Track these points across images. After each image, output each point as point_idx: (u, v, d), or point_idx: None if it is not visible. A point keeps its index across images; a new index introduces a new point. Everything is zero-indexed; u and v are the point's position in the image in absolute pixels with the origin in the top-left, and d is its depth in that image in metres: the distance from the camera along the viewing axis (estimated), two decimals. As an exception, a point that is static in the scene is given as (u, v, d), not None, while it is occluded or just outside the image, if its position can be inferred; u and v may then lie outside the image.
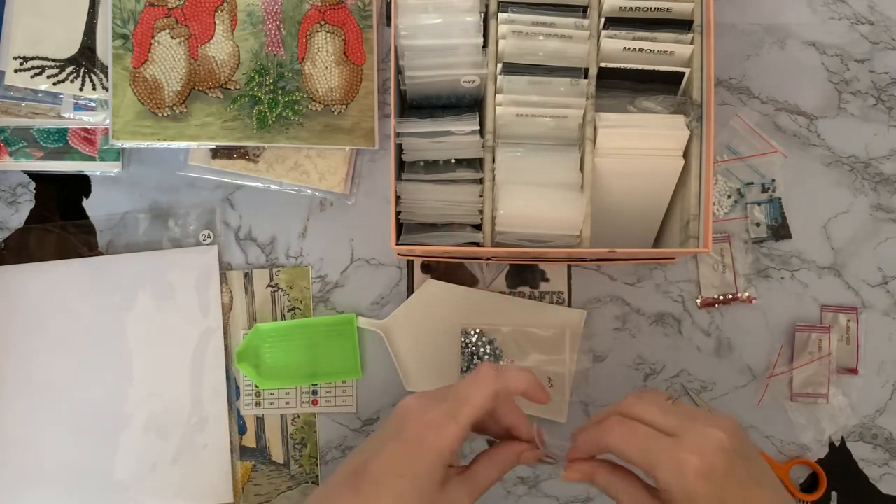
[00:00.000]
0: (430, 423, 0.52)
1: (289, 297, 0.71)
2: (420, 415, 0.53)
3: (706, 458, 0.50)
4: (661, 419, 0.53)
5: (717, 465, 0.50)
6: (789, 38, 0.73)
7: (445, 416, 0.53)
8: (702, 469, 0.50)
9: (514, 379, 0.55)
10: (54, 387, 0.69)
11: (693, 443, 0.51)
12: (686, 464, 0.50)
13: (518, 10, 0.61)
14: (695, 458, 0.50)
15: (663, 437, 0.52)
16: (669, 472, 0.51)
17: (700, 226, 0.61)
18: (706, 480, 0.50)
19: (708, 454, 0.50)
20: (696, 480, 0.50)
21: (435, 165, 0.63)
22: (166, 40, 0.65)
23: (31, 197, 0.71)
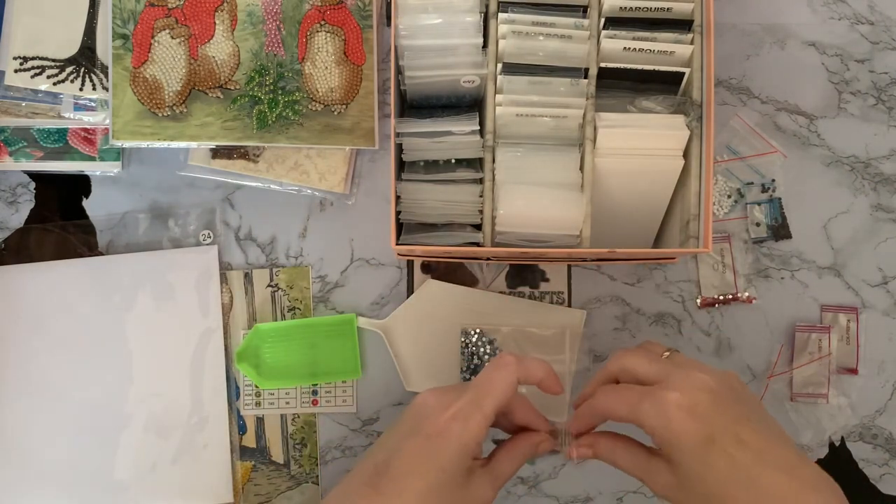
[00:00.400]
0: (455, 416, 0.51)
1: (289, 297, 0.71)
2: (442, 409, 0.52)
3: (687, 394, 0.49)
4: (646, 368, 0.53)
5: (699, 401, 0.49)
6: (789, 38, 0.73)
7: (470, 406, 0.52)
8: (683, 403, 0.49)
9: (533, 367, 0.55)
10: (54, 387, 0.69)
11: (674, 383, 0.50)
12: (666, 401, 0.49)
13: (518, 10, 0.61)
14: (676, 394, 0.49)
15: (647, 388, 0.51)
16: (653, 415, 0.50)
17: (700, 226, 0.61)
18: (690, 415, 0.49)
19: (689, 391, 0.49)
20: (679, 415, 0.49)
21: (435, 165, 0.63)
22: (166, 40, 0.65)
23: (31, 197, 0.71)
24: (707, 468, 0.48)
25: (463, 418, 0.51)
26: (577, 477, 0.71)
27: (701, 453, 0.49)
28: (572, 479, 0.71)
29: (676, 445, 0.49)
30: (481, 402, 0.52)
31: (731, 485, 0.48)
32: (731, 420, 0.49)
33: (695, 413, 0.49)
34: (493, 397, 0.53)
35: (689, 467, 0.49)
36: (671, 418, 0.49)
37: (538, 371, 0.56)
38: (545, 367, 0.56)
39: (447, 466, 0.51)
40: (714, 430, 0.49)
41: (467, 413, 0.52)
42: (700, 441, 0.49)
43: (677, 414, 0.49)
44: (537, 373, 0.55)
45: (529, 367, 0.55)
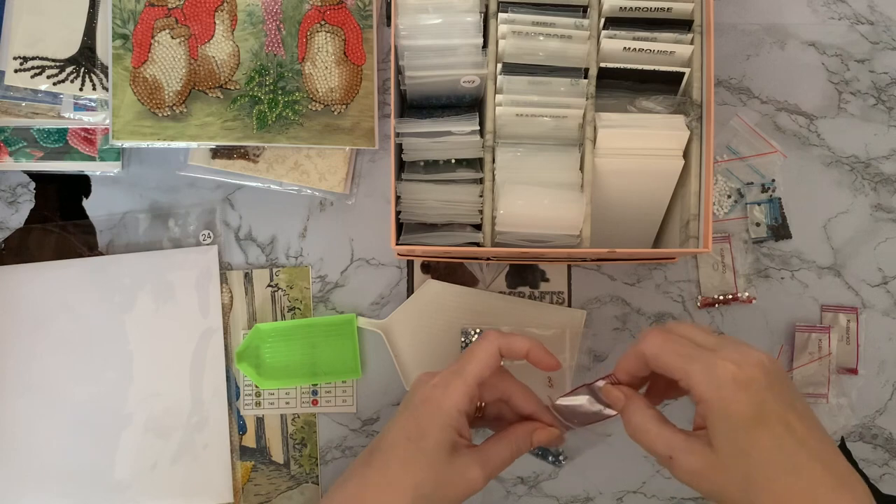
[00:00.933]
0: (437, 384, 0.54)
1: (289, 297, 0.71)
2: (427, 380, 0.55)
3: (745, 369, 0.48)
4: (701, 337, 0.52)
5: (756, 377, 0.48)
6: (789, 38, 0.73)
7: (451, 374, 0.55)
8: (740, 377, 0.48)
9: (517, 340, 0.56)
10: (54, 387, 0.69)
11: (732, 354, 0.49)
12: (723, 370, 0.48)
13: (518, 10, 0.61)
14: (732, 366, 0.48)
15: (702, 349, 0.50)
16: (705, 378, 0.48)
17: (700, 226, 0.61)
18: (744, 389, 0.48)
19: (747, 366, 0.48)
20: (733, 387, 0.48)
21: (435, 165, 0.63)
22: (166, 40, 0.65)
23: (31, 197, 0.71)
24: (752, 446, 0.47)
25: (443, 385, 0.54)
26: (577, 477, 0.71)
27: (749, 430, 0.47)
28: (572, 479, 0.71)
29: (724, 417, 0.48)
30: (461, 370, 0.55)
31: (773, 467, 0.47)
32: (782, 403, 0.48)
33: (749, 389, 0.48)
34: (473, 364, 0.55)
35: (732, 443, 0.48)
36: (724, 388, 0.48)
37: (522, 344, 0.56)
38: (531, 340, 0.57)
39: (428, 434, 0.53)
40: (765, 410, 0.48)
41: (448, 380, 0.54)
42: (750, 417, 0.47)
43: (731, 385, 0.48)
44: (521, 345, 0.56)
45: (512, 339, 0.56)
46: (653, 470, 0.71)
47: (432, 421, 0.53)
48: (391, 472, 0.53)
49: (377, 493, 0.53)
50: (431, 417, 0.53)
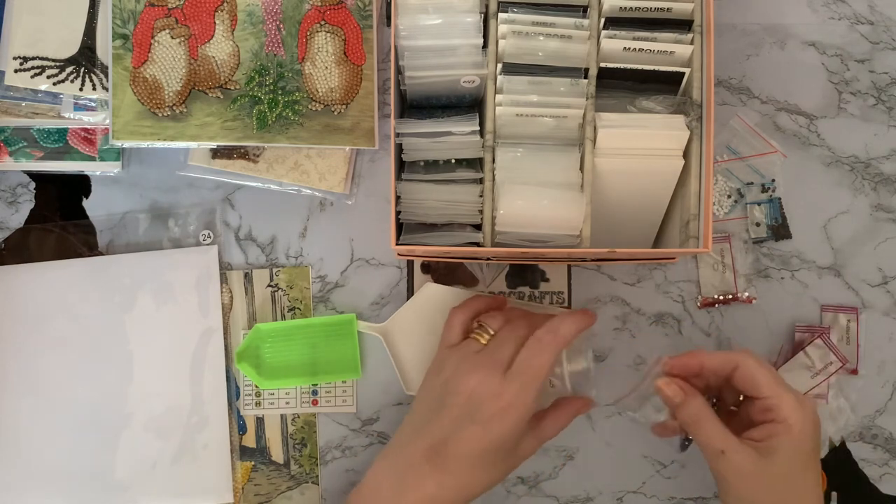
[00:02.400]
0: (508, 407, 0.56)
1: (289, 297, 0.71)
2: (493, 397, 0.56)
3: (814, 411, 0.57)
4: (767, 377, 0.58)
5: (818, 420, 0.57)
6: (789, 38, 0.73)
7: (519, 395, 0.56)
8: (816, 418, 0.57)
9: (566, 331, 0.58)
10: (54, 387, 0.69)
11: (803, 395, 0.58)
12: (809, 407, 0.56)
13: (518, 10, 0.61)
14: (812, 405, 0.57)
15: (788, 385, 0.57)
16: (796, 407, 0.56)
17: (700, 226, 0.61)
18: (816, 429, 0.57)
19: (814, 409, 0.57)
20: (813, 425, 0.56)
21: (435, 165, 0.63)
22: (166, 40, 0.65)
23: (31, 197, 0.71)
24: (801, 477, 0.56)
25: (514, 408, 0.56)
26: (577, 477, 0.71)
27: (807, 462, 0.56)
28: (572, 479, 0.71)
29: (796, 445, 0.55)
30: (528, 390, 0.56)
31: (808, 497, 0.57)
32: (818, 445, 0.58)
33: (817, 429, 0.57)
34: (537, 382, 0.57)
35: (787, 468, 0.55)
36: (808, 422, 0.56)
37: (571, 330, 0.58)
38: (574, 321, 0.59)
39: (503, 445, 0.57)
40: (815, 452, 0.57)
41: (518, 403, 0.56)
42: (812, 452, 0.56)
43: (812, 422, 0.56)
44: (570, 332, 0.58)
45: (563, 333, 0.58)
46: (653, 470, 0.71)
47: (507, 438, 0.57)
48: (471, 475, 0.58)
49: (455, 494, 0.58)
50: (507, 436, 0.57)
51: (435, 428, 0.58)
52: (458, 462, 0.57)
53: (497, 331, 0.60)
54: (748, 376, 0.57)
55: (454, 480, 0.57)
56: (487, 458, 0.57)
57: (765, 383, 0.57)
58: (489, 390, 0.56)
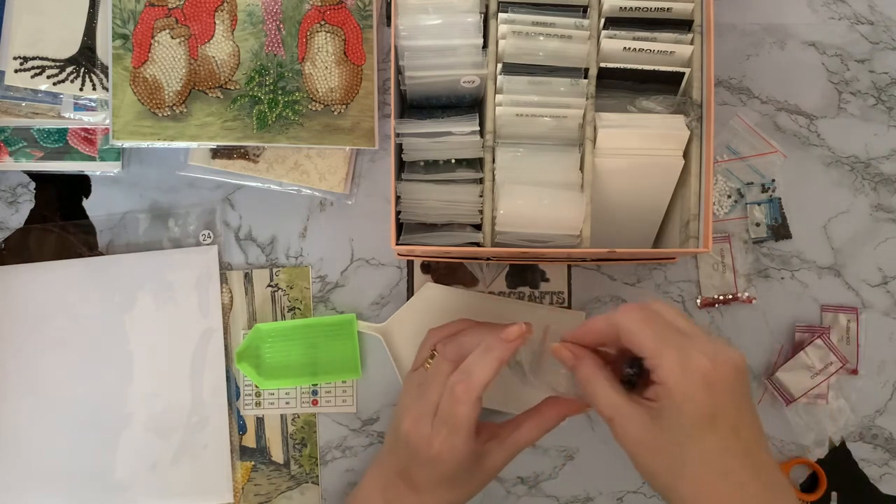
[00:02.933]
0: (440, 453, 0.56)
1: (289, 297, 0.71)
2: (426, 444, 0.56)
3: (717, 367, 0.48)
4: (680, 321, 0.51)
5: (725, 377, 0.48)
6: (789, 38, 0.73)
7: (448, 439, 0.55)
8: (710, 375, 0.47)
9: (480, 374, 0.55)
10: (54, 387, 0.69)
11: (707, 347, 0.48)
12: (697, 363, 0.48)
13: (518, 10, 0.61)
14: (707, 361, 0.48)
15: (679, 333, 0.50)
16: (676, 366, 0.48)
17: (700, 226, 0.61)
18: (709, 388, 0.47)
19: (720, 364, 0.48)
20: (701, 383, 0.47)
21: (435, 165, 0.63)
22: (166, 40, 0.65)
23: (31, 197, 0.71)
24: (696, 443, 0.47)
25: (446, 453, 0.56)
26: (577, 477, 0.71)
27: (699, 427, 0.47)
28: (572, 479, 0.71)
29: (680, 407, 0.48)
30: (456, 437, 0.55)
31: (708, 467, 0.47)
32: (738, 408, 0.48)
33: (714, 389, 0.47)
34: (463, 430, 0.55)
35: (678, 432, 0.48)
36: (692, 382, 0.47)
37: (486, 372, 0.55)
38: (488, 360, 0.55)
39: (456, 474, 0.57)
40: (721, 410, 0.47)
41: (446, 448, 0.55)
42: (704, 415, 0.47)
43: (699, 381, 0.47)
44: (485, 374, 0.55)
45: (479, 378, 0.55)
46: (653, 470, 0.71)
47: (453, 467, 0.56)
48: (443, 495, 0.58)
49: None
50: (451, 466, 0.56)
51: (396, 457, 0.60)
52: (426, 487, 0.58)
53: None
54: (629, 337, 0.50)
55: (430, 499, 0.58)
56: (449, 484, 0.58)
57: (643, 342, 0.49)
58: (420, 436, 0.56)
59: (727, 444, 0.47)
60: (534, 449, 0.71)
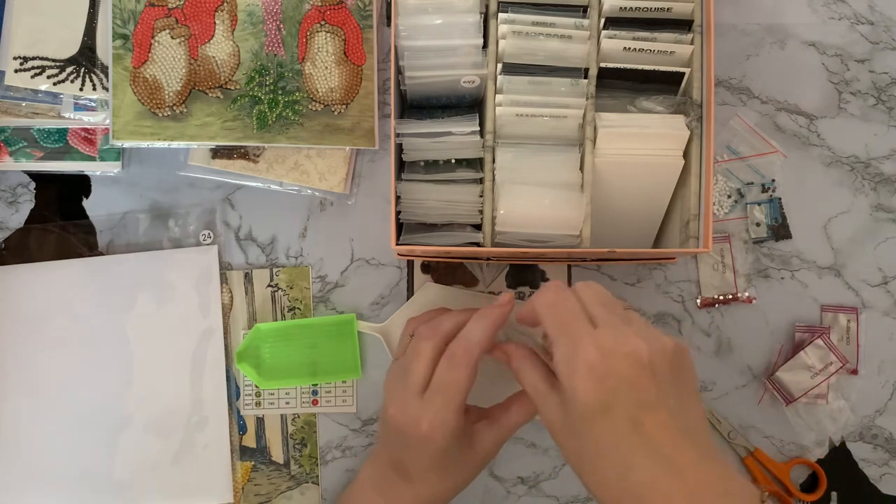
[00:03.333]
0: (429, 431, 0.55)
1: (289, 297, 0.71)
2: (413, 424, 0.56)
3: (607, 359, 0.46)
4: (597, 309, 0.49)
5: (616, 370, 0.46)
6: (789, 38, 0.73)
7: (439, 412, 0.55)
8: (597, 367, 0.46)
9: (480, 336, 0.55)
10: (54, 387, 0.69)
11: (607, 338, 0.47)
12: (584, 355, 0.46)
13: (518, 10, 0.61)
14: (596, 353, 0.46)
15: (583, 321, 0.48)
16: (564, 358, 0.47)
17: (700, 226, 0.61)
18: (597, 380, 0.46)
19: (613, 356, 0.46)
20: (586, 375, 0.46)
21: (435, 165, 0.63)
22: (166, 40, 0.65)
23: (31, 197, 0.71)
24: (588, 432, 0.46)
25: (435, 430, 0.55)
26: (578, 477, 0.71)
27: (588, 419, 0.46)
28: (572, 479, 0.71)
29: (570, 399, 0.47)
30: (448, 408, 0.55)
31: (603, 460, 0.46)
32: (639, 400, 0.46)
33: (604, 380, 0.46)
34: (457, 398, 0.55)
35: (575, 421, 0.47)
36: (577, 374, 0.46)
37: (484, 335, 0.55)
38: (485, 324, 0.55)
39: (446, 456, 0.57)
40: (615, 402, 0.45)
41: (436, 423, 0.55)
42: (595, 406, 0.46)
43: (584, 374, 0.46)
44: (484, 337, 0.55)
45: (479, 341, 0.55)
46: (653, 470, 0.71)
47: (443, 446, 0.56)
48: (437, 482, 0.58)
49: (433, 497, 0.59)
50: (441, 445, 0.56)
51: (389, 448, 0.60)
52: (419, 474, 0.58)
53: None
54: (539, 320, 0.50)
55: (425, 489, 0.58)
56: (441, 468, 0.57)
57: (545, 328, 0.50)
58: (407, 418, 0.56)
59: (623, 437, 0.45)
60: (534, 449, 0.71)
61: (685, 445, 0.45)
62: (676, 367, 0.48)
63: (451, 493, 0.60)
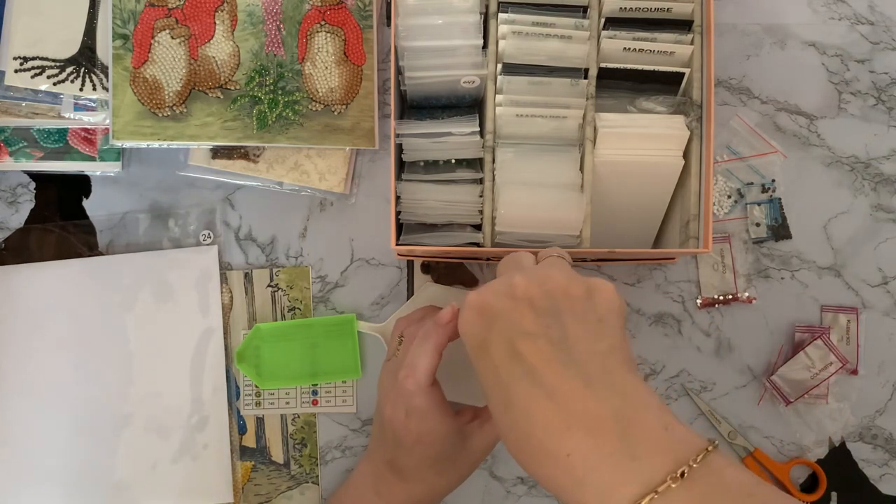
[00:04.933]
0: (418, 438, 0.56)
1: (289, 297, 0.71)
2: (405, 429, 0.57)
3: (485, 295, 0.46)
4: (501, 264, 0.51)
5: (491, 304, 0.46)
6: (789, 38, 0.73)
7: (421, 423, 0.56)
8: (475, 304, 0.47)
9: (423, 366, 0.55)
10: (54, 387, 0.69)
11: (487, 285, 0.48)
12: (468, 298, 0.47)
13: (518, 11, 0.61)
14: (473, 295, 0.47)
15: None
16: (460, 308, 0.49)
17: (700, 226, 0.61)
18: (477, 317, 0.46)
19: (490, 292, 0.46)
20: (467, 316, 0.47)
21: (435, 165, 0.63)
22: (166, 40, 0.65)
23: (31, 197, 0.71)
24: (478, 373, 0.46)
25: (424, 437, 0.56)
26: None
27: (477, 356, 0.46)
28: (572, 479, 0.71)
29: (466, 345, 0.47)
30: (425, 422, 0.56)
31: (492, 398, 0.45)
32: (513, 329, 0.44)
33: (482, 315, 0.46)
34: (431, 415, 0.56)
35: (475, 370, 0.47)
36: (461, 317, 0.47)
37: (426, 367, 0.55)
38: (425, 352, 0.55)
39: (440, 458, 0.57)
40: (491, 335, 0.45)
41: (423, 432, 0.56)
42: (476, 344, 0.46)
43: (465, 313, 0.47)
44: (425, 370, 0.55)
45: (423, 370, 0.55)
46: (653, 470, 0.71)
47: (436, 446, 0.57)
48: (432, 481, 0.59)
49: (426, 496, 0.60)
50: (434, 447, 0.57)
51: (383, 447, 0.60)
52: (413, 473, 0.58)
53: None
54: None
55: (420, 486, 0.59)
56: (435, 467, 0.58)
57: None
58: (399, 422, 0.56)
59: (502, 367, 0.44)
60: (534, 449, 0.71)
61: (567, 374, 0.42)
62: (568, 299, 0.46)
63: (446, 490, 0.60)
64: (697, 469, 0.38)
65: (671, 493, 0.38)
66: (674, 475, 0.38)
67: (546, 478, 0.41)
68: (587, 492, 0.39)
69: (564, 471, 0.40)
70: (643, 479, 0.38)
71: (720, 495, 0.38)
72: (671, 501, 0.38)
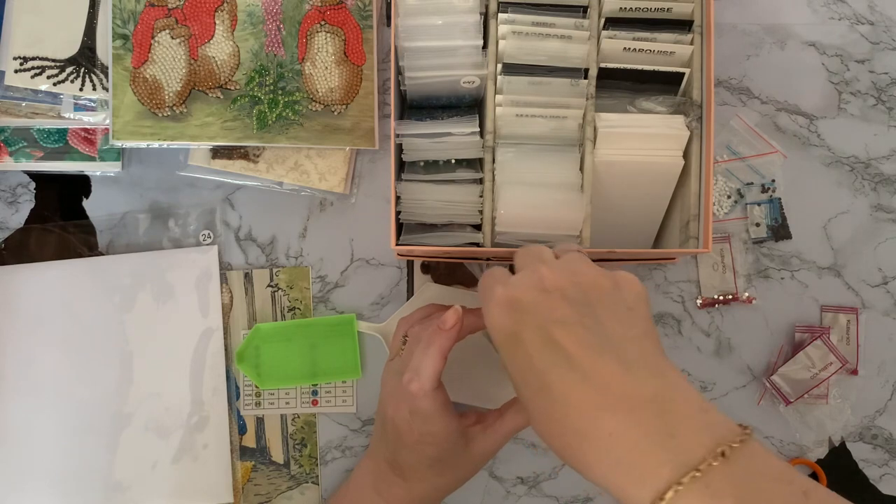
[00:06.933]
0: (421, 438, 0.56)
1: (289, 297, 0.71)
2: (408, 429, 0.57)
3: (513, 289, 0.46)
4: (518, 259, 0.50)
5: (523, 297, 0.46)
6: (789, 38, 0.73)
7: (425, 424, 0.56)
8: (503, 298, 0.46)
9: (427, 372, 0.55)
10: (54, 387, 0.69)
11: (512, 279, 0.47)
12: (492, 294, 0.47)
13: (518, 11, 0.61)
14: (501, 290, 0.47)
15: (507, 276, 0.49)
16: (483, 304, 0.48)
17: (700, 226, 0.61)
18: (506, 311, 0.46)
19: (518, 286, 0.46)
20: (495, 310, 0.46)
21: (435, 165, 0.63)
22: (166, 40, 0.65)
23: (31, 197, 0.71)
24: (510, 365, 0.46)
25: (427, 437, 0.56)
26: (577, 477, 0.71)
27: (506, 350, 0.46)
28: (572, 479, 0.71)
29: (494, 340, 0.47)
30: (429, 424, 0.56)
31: (525, 385, 0.45)
32: (550, 319, 0.44)
33: (512, 309, 0.46)
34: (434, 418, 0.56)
35: (505, 364, 0.47)
36: (490, 312, 0.47)
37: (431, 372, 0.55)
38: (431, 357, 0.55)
39: (442, 458, 0.57)
40: (524, 328, 0.45)
41: (426, 432, 0.56)
42: (507, 337, 0.46)
43: (494, 309, 0.47)
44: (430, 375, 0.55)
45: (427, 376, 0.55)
46: (653, 470, 0.71)
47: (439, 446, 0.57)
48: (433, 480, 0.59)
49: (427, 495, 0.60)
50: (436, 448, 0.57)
51: (385, 445, 0.60)
52: (414, 472, 0.58)
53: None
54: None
55: (420, 486, 0.59)
56: (437, 468, 0.58)
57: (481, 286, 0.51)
58: (403, 421, 0.56)
59: (537, 355, 0.44)
60: (534, 449, 0.71)
61: (605, 359, 0.43)
62: (598, 291, 0.46)
63: (446, 490, 0.60)
64: (738, 449, 0.39)
65: (712, 472, 0.38)
66: (714, 454, 0.38)
67: (583, 461, 0.42)
68: (628, 471, 0.40)
69: (605, 451, 0.41)
70: (684, 459, 0.39)
71: (761, 478, 0.39)
72: (712, 480, 0.38)
